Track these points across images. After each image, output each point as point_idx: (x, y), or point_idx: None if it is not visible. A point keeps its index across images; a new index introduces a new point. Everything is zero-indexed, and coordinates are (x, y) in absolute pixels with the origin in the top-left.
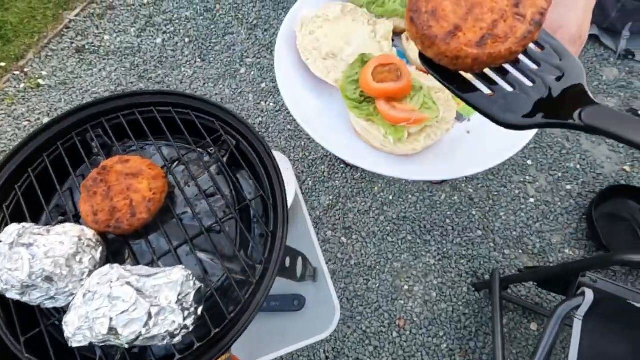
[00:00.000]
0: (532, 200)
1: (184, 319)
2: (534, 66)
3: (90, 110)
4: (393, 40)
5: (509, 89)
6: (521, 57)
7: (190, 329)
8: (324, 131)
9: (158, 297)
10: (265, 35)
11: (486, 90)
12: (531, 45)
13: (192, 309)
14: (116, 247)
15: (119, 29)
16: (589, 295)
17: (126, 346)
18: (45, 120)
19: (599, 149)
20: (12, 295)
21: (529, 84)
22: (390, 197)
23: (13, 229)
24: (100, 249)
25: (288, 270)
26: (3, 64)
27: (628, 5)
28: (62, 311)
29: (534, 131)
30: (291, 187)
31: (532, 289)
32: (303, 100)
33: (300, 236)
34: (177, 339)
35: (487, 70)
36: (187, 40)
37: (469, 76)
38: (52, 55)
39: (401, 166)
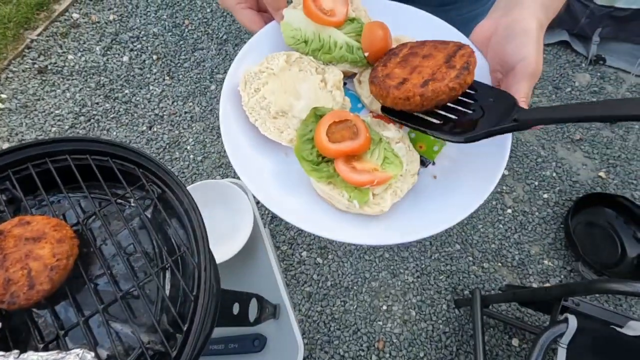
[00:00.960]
0: (509, 210)
1: None
2: (471, 101)
3: None
4: (345, 83)
5: (454, 117)
6: (460, 97)
7: None
8: (283, 199)
9: None
10: (236, 50)
11: (436, 121)
12: (468, 90)
13: None
14: (17, 322)
15: (83, 48)
16: (572, 322)
17: None
18: (5, 145)
19: (575, 156)
20: None
21: (469, 111)
22: None
23: None
24: None
25: (238, 317)
26: None
27: (596, 11)
28: None
29: (503, 166)
30: (248, 217)
31: (513, 303)
32: (256, 165)
33: (260, 270)
34: None
35: (437, 110)
36: (155, 57)
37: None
38: (13, 76)
39: (373, 230)
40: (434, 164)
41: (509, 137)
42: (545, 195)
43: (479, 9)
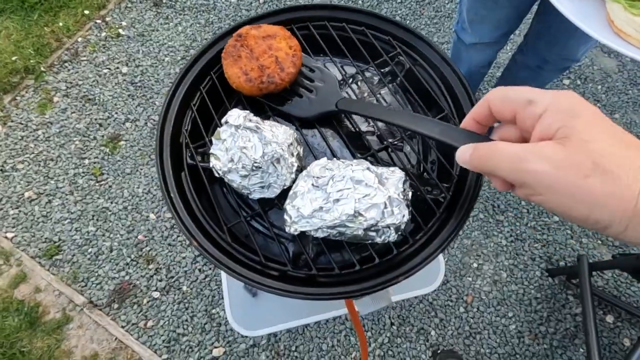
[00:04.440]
0: None
1: (409, 213)
2: (310, 82)
3: (265, 21)
4: None
5: (299, 98)
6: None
7: (404, 228)
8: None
9: (388, 188)
10: (340, 1)
11: (288, 100)
12: (305, 71)
13: (410, 208)
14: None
15: None
16: None
17: (360, 232)
18: (124, 69)
19: None
20: (234, 177)
21: (309, 93)
22: None
23: (238, 113)
24: (302, 147)
25: None
26: (87, 12)
27: None
28: (255, 208)
29: None
30: None
31: (610, 281)
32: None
33: None
34: (395, 236)
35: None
36: (261, 0)
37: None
38: (131, 6)
39: None
40: None
41: None
42: None
43: None
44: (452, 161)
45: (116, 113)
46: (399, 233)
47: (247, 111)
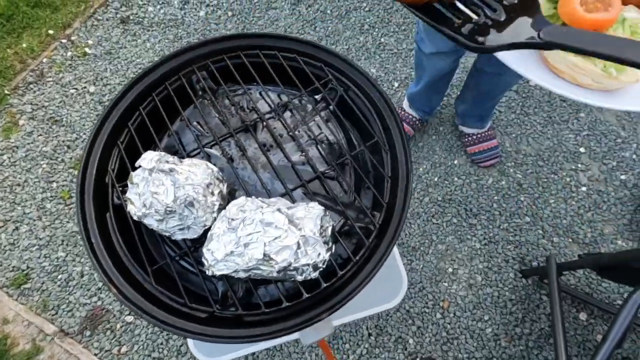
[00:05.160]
0: (583, 188)
1: (326, 251)
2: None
3: (196, 52)
4: None
5: (475, 17)
6: None
7: (324, 266)
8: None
9: (303, 227)
10: (308, 11)
11: (455, 20)
12: None
13: (330, 244)
14: (229, 190)
15: (162, 1)
16: None
17: (275, 274)
18: (92, 88)
19: None
20: (150, 221)
21: (490, 12)
22: (436, 179)
23: (151, 155)
24: (226, 184)
25: None
26: (51, 32)
27: None
28: (183, 247)
29: None
30: None
31: (582, 279)
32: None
33: None
34: (316, 273)
35: (456, 2)
36: (230, 13)
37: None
38: (98, 24)
39: (623, 99)
40: None
41: None
42: (623, 177)
43: None
44: (383, 189)
45: (84, 134)
46: (319, 270)
47: (163, 153)
